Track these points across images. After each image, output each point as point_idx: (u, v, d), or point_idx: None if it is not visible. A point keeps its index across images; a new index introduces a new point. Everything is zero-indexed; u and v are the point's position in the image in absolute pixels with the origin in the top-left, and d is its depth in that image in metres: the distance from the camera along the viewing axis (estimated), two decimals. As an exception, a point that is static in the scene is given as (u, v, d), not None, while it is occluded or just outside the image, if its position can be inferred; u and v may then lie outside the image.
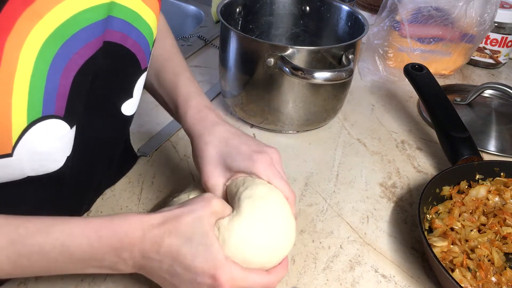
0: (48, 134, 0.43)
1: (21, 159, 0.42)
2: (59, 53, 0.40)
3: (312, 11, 0.93)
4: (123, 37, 0.49)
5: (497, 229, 0.63)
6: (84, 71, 0.44)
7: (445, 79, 1.08)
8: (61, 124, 0.44)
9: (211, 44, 1.14)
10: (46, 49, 0.39)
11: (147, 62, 0.55)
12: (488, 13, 0.98)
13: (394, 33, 1.02)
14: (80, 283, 0.54)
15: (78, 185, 0.57)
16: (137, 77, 0.54)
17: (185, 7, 1.34)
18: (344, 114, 0.91)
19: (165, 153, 0.77)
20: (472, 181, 0.71)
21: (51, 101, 0.42)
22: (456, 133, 0.76)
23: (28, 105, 0.39)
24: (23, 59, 0.38)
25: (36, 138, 0.42)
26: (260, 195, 0.50)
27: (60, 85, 0.42)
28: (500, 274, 0.58)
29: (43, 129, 0.42)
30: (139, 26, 0.51)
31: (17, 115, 0.39)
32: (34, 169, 0.44)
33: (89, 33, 0.43)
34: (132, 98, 0.55)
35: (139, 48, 0.52)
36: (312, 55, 0.75)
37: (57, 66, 0.41)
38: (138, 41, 0.51)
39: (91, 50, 0.44)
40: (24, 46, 0.38)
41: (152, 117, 0.86)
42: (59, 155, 0.46)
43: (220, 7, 0.82)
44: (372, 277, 0.59)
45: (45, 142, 0.43)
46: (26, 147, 0.41)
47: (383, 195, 0.72)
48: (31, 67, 0.39)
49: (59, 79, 0.41)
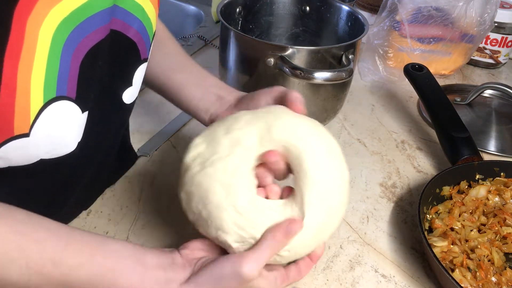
0: (62, 116, 0.44)
1: (37, 139, 0.43)
2: (71, 36, 0.42)
3: (312, 11, 0.93)
4: (126, 26, 0.51)
5: (497, 229, 0.63)
6: (91, 56, 0.45)
7: (445, 79, 1.08)
8: (73, 107, 0.45)
9: (211, 44, 1.14)
10: (60, 31, 0.41)
11: (147, 53, 0.56)
12: (488, 13, 0.98)
13: (394, 33, 1.02)
14: (80, 283, 0.54)
15: (82, 173, 0.57)
16: (136, 66, 0.56)
17: (185, 7, 1.34)
18: (344, 114, 0.91)
19: (165, 153, 0.77)
20: (472, 181, 0.71)
21: (64, 82, 0.43)
22: (456, 133, 0.76)
23: (45, 83, 0.41)
24: (41, 38, 0.39)
25: (51, 119, 0.43)
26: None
27: (71, 67, 0.43)
28: (500, 274, 0.58)
29: (57, 111, 0.43)
30: (141, 17, 0.52)
31: (35, 93, 0.40)
32: (47, 151, 0.45)
33: (98, 20, 0.45)
34: (132, 86, 0.56)
35: (140, 38, 0.54)
36: (312, 55, 0.75)
37: (68, 48, 0.42)
38: (140, 31, 0.53)
39: (99, 36, 0.46)
40: (43, 26, 0.39)
41: (152, 117, 0.86)
42: (71, 140, 0.47)
43: (220, 7, 0.82)
44: (372, 277, 0.59)
45: (59, 124, 0.44)
46: (42, 128, 0.42)
47: (383, 195, 0.72)
48: (48, 46, 0.40)
49: (70, 61, 0.43)
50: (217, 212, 0.46)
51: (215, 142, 0.49)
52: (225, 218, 0.45)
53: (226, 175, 0.47)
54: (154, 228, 0.62)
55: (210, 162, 0.48)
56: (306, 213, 0.46)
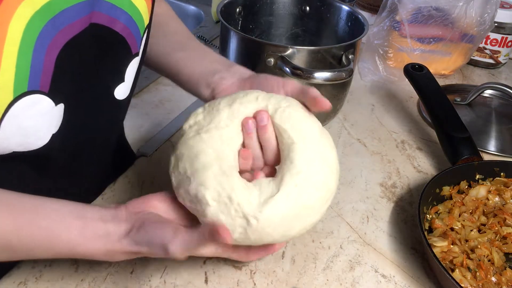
0: (33, 109, 0.44)
1: (7, 132, 0.43)
2: (44, 29, 0.42)
3: (312, 11, 0.93)
4: (112, 20, 0.50)
5: (497, 229, 0.63)
6: (68, 50, 0.45)
7: (445, 79, 1.08)
8: (45, 100, 0.45)
9: (211, 44, 1.14)
10: (32, 25, 0.40)
11: (138, 47, 0.56)
12: (488, 13, 0.98)
13: (394, 33, 1.02)
14: (80, 283, 0.54)
15: (66, 166, 0.57)
16: (128, 62, 0.55)
17: (185, 7, 1.35)
18: (344, 114, 0.91)
19: (165, 153, 0.77)
20: (472, 181, 0.71)
21: (37, 77, 0.42)
22: (456, 133, 0.76)
23: (15, 78, 0.40)
24: (11, 32, 0.39)
25: (21, 113, 0.43)
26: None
27: (45, 61, 0.43)
28: (500, 274, 0.58)
29: (28, 104, 0.43)
30: (129, 10, 0.52)
31: (4, 88, 0.40)
32: (19, 144, 0.45)
33: (74, 13, 0.45)
34: (124, 82, 0.56)
35: (129, 33, 0.53)
36: (312, 55, 0.75)
37: (42, 42, 0.42)
38: (128, 25, 0.52)
39: (75, 29, 0.45)
40: (13, 20, 0.39)
41: (152, 117, 0.86)
42: (44, 132, 0.46)
43: (220, 7, 0.82)
44: (372, 277, 0.59)
45: (30, 117, 0.44)
46: (11, 121, 0.42)
47: (383, 195, 0.72)
48: (19, 42, 0.40)
49: (44, 55, 0.42)
50: (203, 169, 0.46)
51: (215, 113, 0.50)
52: (209, 174, 0.46)
53: (219, 143, 0.47)
54: (154, 228, 0.62)
55: (206, 129, 0.49)
56: (280, 189, 0.46)
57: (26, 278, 0.54)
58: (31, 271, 0.55)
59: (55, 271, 0.55)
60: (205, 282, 0.56)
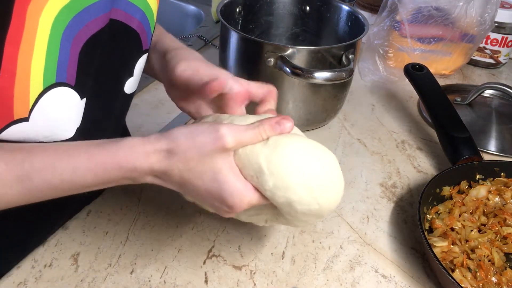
0: (61, 102, 0.45)
1: (36, 124, 0.44)
2: (70, 24, 0.43)
3: (312, 11, 0.93)
4: (129, 17, 0.52)
5: (497, 229, 0.63)
6: (90, 45, 0.46)
7: (445, 79, 1.08)
8: (72, 94, 0.46)
9: (211, 44, 1.14)
10: (60, 19, 0.42)
11: (148, 43, 0.57)
12: (488, 13, 0.98)
13: (394, 33, 1.02)
14: (80, 283, 0.54)
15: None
16: (138, 57, 0.57)
17: (185, 7, 1.35)
18: (344, 114, 0.91)
19: (165, 153, 0.77)
20: (472, 181, 0.71)
21: (63, 69, 0.44)
22: (456, 133, 0.76)
23: (45, 69, 0.42)
24: (42, 24, 0.40)
25: (50, 104, 0.44)
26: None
27: (70, 54, 0.44)
28: (500, 274, 0.58)
29: (56, 96, 0.44)
30: (144, 8, 0.53)
31: (35, 78, 0.41)
32: (46, 136, 0.46)
33: (97, 9, 0.46)
34: (133, 77, 0.57)
35: (142, 29, 0.55)
36: (312, 55, 0.75)
37: (68, 36, 0.43)
38: (142, 22, 0.54)
39: (98, 25, 0.47)
40: (43, 14, 0.40)
41: (152, 117, 0.86)
42: (70, 125, 0.48)
43: (220, 7, 0.82)
44: (372, 277, 0.59)
45: (58, 110, 0.45)
46: (41, 112, 0.43)
47: (383, 195, 0.72)
48: (48, 33, 0.41)
49: (70, 48, 0.44)
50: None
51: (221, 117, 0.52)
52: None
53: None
54: (154, 228, 0.62)
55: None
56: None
57: (26, 278, 0.54)
58: (31, 271, 0.55)
59: (55, 271, 0.55)
60: (205, 282, 0.56)
